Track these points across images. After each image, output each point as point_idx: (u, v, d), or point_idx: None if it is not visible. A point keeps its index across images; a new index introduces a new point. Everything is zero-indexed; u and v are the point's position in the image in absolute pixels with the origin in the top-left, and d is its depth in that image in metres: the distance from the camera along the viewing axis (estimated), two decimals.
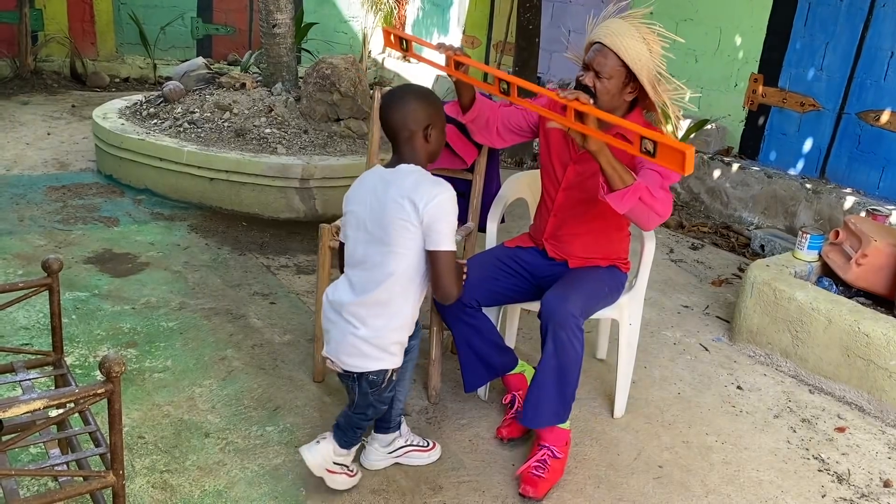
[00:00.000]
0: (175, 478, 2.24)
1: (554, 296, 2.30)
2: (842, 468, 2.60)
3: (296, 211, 4.47)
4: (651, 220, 2.18)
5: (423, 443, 2.44)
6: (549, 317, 2.25)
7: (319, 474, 2.19)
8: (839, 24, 4.57)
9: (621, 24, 2.30)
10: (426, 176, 2.07)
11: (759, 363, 3.28)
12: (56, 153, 5.39)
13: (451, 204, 2.04)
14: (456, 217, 2.06)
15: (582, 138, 2.07)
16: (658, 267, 4.21)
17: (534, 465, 2.32)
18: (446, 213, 2.02)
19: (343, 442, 2.21)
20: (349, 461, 2.25)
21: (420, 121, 2.08)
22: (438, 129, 2.13)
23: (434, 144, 2.13)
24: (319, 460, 2.18)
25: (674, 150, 1.84)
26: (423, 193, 2.01)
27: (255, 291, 3.51)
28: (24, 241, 3.79)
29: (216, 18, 8.86)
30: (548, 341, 2.26)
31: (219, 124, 4.78)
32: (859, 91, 4.50)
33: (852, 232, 3.25)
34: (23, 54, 7.43)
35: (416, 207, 2.00)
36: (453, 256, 2.05)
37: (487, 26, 7.71)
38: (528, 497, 2.27)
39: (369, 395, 2.13)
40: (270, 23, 5.13)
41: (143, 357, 2.86)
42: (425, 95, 2.13)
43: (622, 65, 2.28)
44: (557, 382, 2.28)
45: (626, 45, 2.26)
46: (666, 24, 6.07)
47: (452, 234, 2.04)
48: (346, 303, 2.08)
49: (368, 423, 2.23)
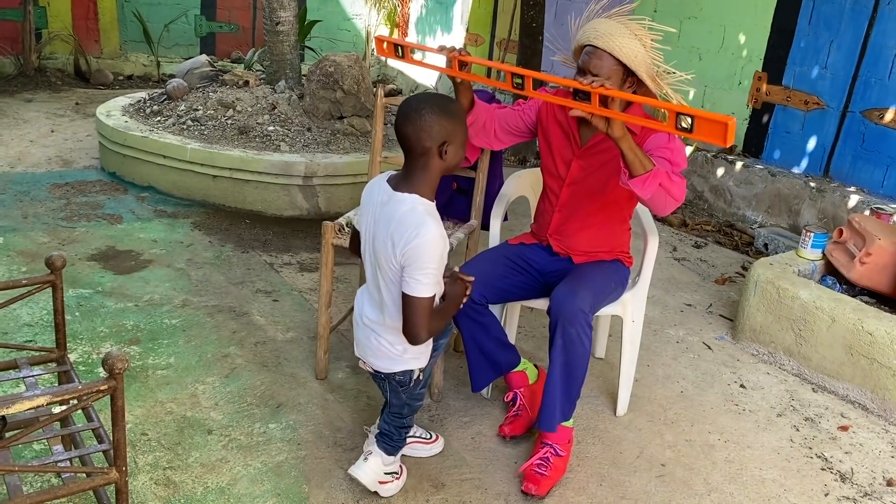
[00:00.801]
0: (178, 474, 2.24)
1: (563, 292, 2.30)
2: (845, 467, 2.60)
3: (299, 208, 4.47)
4: (668, 205, 2.18)
5: (427, 435, 2.45)
6: (559, 313, 2.26)
7: (374, 489, 2.20)
8: (844, 21, 4.56)
9: (610, 23, 2.28)
10: (415, 210, 1.92)
11: (763, 362, 3.27)
12: (60, 150, 5.40)
13: (430, 248, 1.88)
14: (438, 261, 1.91)
15: (605, 123, 2.06)
16: (661, 265, 4.21)
17: (536, 462, 2.32)
18: (421, 258, 1.88)
19: (388, 449, 2.22)
20: (397, 466, 2.27)
21: (436, 137, 1.92)
22: (457, 143, 1.97)
23: (451, 160, 1.97)
24: (373, 476, 2.19)
25: (714, 122, 1.78)
26: (402, 233, 1.89)
27: (258, 289, 3.51)
28: (28, 238, 3.80)
29: (220, 16, 8.87)
30: (556, 337, 2.26)
31: (222, 122, 4.78)
32: (864, 89, 4.49)
33: (856, 230, 3.24)
34: (27, 52, 7.45)
35: (395, 248, 1.91)
36: (426, 303, 1.92)
37: (491, 24, 7.70)
38: (531, 495, 2.27)
39: (401, 393, 2.15)
40: (274, 20, 5.13)
41: (147, 354, 2.87)
42: (443, 108, 1.95)
43: (618, 63, 2.27)
44: (565, 378, 2.29)
45: (620, 44, 2.25)
46: (670, 22, 6.07)
47: (429, 280, 1.91)
48: (366, 315, 2.11)
49: (407, 425, 2.23)
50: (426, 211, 1.94)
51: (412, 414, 2.23)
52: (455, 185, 3.11)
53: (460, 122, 1.99)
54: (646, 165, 2.10)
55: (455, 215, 3.06)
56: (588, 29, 2.32)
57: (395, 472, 2.25)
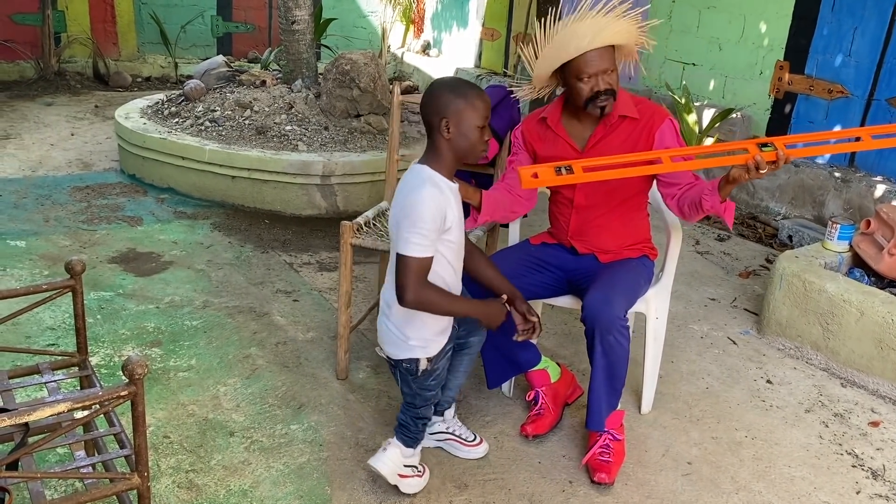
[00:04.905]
0: (200, 477, 2.24)
1: (597, 299, 2.27)
2: (876, 464, 2.54)
3: (317, 208, 4.46)
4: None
5: (470, 436, 2.43)
6: (595, 321, 2.25)
7: (394, 482, 2.19)
8: (867, 8, 4.47)
9: (587, 24, 2.25)
10: (420, 175, 2.01)
11: (789, 356, 3.22)
12: (80, 153, 5.44)
13: (420, 206, 1.93)
14: (429, 222, 1.94)
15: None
16: (684, 259, 4.15)
17: (598, 451, 2.33)
18: (411, 215, 1.93)
19: (406, 440, 2.22)
20: (417, 461, 2.26)
21: (436, 112, 2.00)
22: (464, 124, 1.99)
23: (457, 141, 2.01)
24: (391, 467, 2.18)
25: None
26: (401, 191, 2.00)
27: (278, 289, 3.51)
28: (50, 242, 3.83)
29: (236, 16, 8.89)
30: (596, 345, 2.26)
31: (240, 122, 4.79)
32: (889, 77, 4.39)
33: (884, 221, 3.17)
34: (46, 56, 7.51)
35: (395, 208, 2.02)
36: (413, 263, 1.94)
37: (507, 18, 7.65)
38: (603, 483, 2.29)
39: (410, 382, 2.15)
40: (290, 19, 5.12)
41: (168, 356, 2.87)
42: (450, 86, 2.01)
43: (613, 51, 2.29)
44: (608, 378, 2.30)
45: (615, 31, 2.25)
46: (689, 12, 5.95)
47: (418, 240, 1.93)
48: (384, 298, 2.15)
49: (423, 416, 2.22)
50: (428, 178, 2.01)
51: (426, 405, 2.21)
52: (473, 181, 3.08)
53: (467, 102, 1.99)
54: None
55: None
56: (572, 39, 2.25)
57: (415, 467, 2.24)
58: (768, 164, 2.06)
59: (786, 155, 2.06)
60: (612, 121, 2.37)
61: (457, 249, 2.11)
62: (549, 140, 2.47)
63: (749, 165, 2.08)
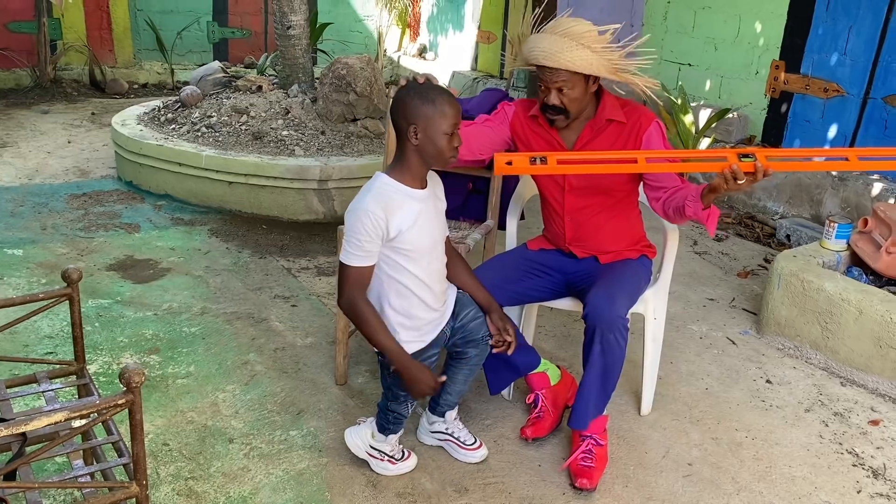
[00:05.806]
0: (200, 485, 2.23)
1: (600, 297, 2.27)
2: (877, 462, 2.54)
3: (315, 212, 4.46)
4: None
5: (469, 439, 2.44)
6: (597, 320, 2.24)
7: (361, 456, 2.32)
8: (862, 6, 4.47)
9: (552, 39, 2.19)
10: (370, 185, 2.05)
11: (789, 356, 3.22)
12: (77, 161, 5.43)
13: (351, 218, 2.00)
14: (361, 234, 1.98)
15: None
16: (682, 259, 4.15)
17: (581, 456, 2.33)
18: (346, 226, 2.02)
19: (379, 425, 2.29)
20: (387, 449, 2.30)
21: (404, 117, 1.98)
22: (429, 129, 1.97)
23: (425, 147, 1.99)
24: (357, 441, 2.32)
25: None
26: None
27: (277, 294, 3.50)
28: (47, 250, 3.82)
29: (231, 22, 8.90)
30: (595, 343, 2.25)
31: (236, 128, 4.78)
32: (885, 75, 4.40)
33: (882, 219, 3.17)
34: (42, 63, 7.51)
35: None
36: (346, 271, 2.01)
37: (503, 21, 7.65)
38: (584, 489, 2.28)
39: (385, 375, 2.21)
40: (285, 25, 5.12)
41: (166, 363, 2.87)
42: (420, 92, 1.98)
43: (574, 73, 2.21)
44: (602, 379, 2.30)
45: (568, 58, 2.16)
46: (684, 12, 5.95)
47: (351, 248, 2.00)
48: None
49: (393, 410, 2.25)
50: (376, 187, 2.02)
51: (396, 401, 2.24)
52: (471, 185, 3.08)
53: (436, 110, 1.96)
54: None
55: (471, 216, 3.03)
56: (534, 49, 2.23)
57: (387, 454, 2.30)
58: (746, 175, 2.01)
59: (764, 167, 2.00)
60: (600, 124, 2.35)
61: (418, 257, 2.07)
62: (539, 135, 2.43)
63: (726, 174, 2.03)
